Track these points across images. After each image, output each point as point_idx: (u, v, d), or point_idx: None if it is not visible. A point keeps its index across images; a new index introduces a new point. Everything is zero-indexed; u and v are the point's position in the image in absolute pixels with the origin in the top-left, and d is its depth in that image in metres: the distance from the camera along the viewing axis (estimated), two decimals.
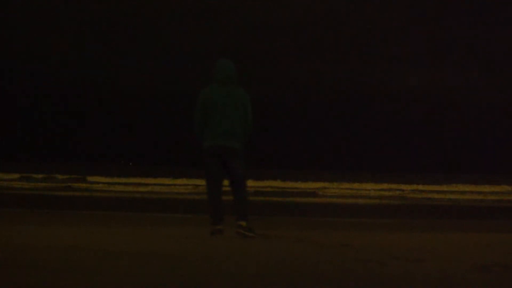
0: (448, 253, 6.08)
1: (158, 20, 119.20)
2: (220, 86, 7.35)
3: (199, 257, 5.30)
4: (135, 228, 9.26)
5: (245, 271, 4.72)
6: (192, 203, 21.54)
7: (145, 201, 22.52)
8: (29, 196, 23.81)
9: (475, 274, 4.80)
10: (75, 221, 11.28)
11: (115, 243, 6.35)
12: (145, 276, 4.45)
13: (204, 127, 7.34)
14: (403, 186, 41.26)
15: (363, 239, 7.59)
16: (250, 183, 7.77)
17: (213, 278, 4.45)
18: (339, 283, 4.43)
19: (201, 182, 33.53)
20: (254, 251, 5.89)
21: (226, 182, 7.47)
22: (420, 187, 41.72)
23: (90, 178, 40.19)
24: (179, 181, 38.85)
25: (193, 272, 4.65)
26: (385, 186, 41.52)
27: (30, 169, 47.88)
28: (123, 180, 40.16)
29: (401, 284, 4.47)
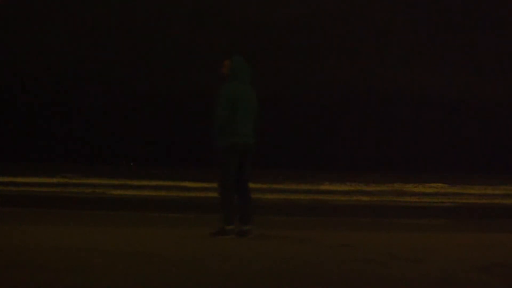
0: (448, 253, 6.09)
1: (158, 19, 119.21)
2: (242, 84, 7.32)
3: (199, 257, 5.31)
4: (135, 228, 9.26)
5: (245, 271, 4.72)
6: (192, 203, 21.54)
7: (145, 201, 22.52)
8: (30, 196, 23.80)
9: (475, 274, 4.80)
10: (75, 221, 11.28)
11: (115, 243, 6.35)
12: (145, 276, 4.46)
13: (226, 124, 7.25)
14: (402, 186, 41.25)
15: (363, 239, 7.60)
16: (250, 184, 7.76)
17: (214, 278, 4.45)
18: (339, 283, 4.44)
19: (200, 184, 33.56)
20: (254, 251, 5.90)
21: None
22: (418, 187, 41.70)
23: (90, 178, 40.17)
24: (180, 183, 38.83)
25: (193, 272, 4.65)
26: (384, 186, 41.50)
27: (30, 170, 47.87)
28: (124, 180, 40.15)
29: (401, 284, 4.47)
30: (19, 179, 36.53)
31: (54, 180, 38.03)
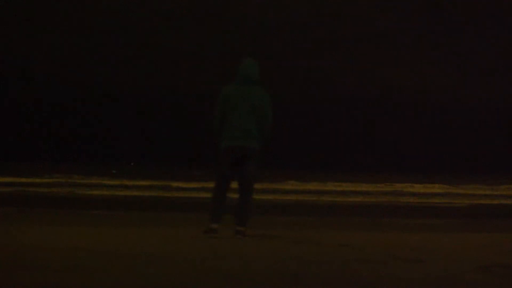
0: (448, 253, 6.09)
1: (159, 19, 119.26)
2: (240, 86, 7.32)
3: (199, 257, 5.30)
4: (134, 228, 9.26)
5: (245, 271, 4.72)
6: (193, 203, 21.54)
7: (144, 201, 22.52)
8: (32, 195, 23.81)
9: (475, 274, 4.80)
10: (75, 221, 11.28)
11: (115, 243, 6.36)
12: (145, 276, 4.46)
13: (222, 125, 7.31)
14: (402, 186, 41.26)
15: (363, 239, 7.60)
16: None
17: (213, 278, 4.45)
18: (339, 283, 4.44)
19: (202, 184, 33.57)
20: (254, 251, 5.90)
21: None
22: (418, 187, 41.72)
23: (90, 178, 40.18)
24: (179, 183, 38.83)
25: (193, 272, 4.65)
26: (384, 186, 41.51)
27: (31, 169, 47.89)
28: (125, 180, 40.16)
29: (401, 284, 4.47)
30: (19, 179, 36.56)
31: (52, 180, 38.04)
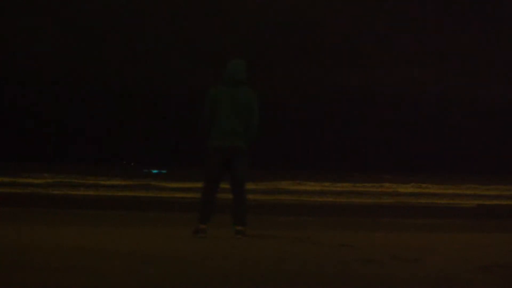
0: (448, 253, 6.09)
1: (159, 19, 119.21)
2: (226, 86, 7.33)
3: (199, 258, 5.30)
4: (136, 228, 9.26)
5: (244, 271, 4.72)
6: (192, 203, 21.53)
7: (143, 201, 22.51)
8: (31, 195, 23.80)
9: (475, 274, 4.80)
10: (75, 221, 11.28)
11: (116, 243, 6.35)
12: (145, 276, 4.46)
13: (210, 126, 7.34)
14: (401, 187, 41.25)
15: (363, 239, 7.59)
16: (249, 184, 7.72)
17: (213, 278, 4.45)
18: (339, 283, 4.43)
19: (194, 184, 33.57)
20: (253, 251, 5.90)
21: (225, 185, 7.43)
22: (419, 187, 41.72)
23: (90, 178, 40.18)
24: (179, 184, 38.81)
25: (193, 272, 4.65)
26: (383, 187, 41.51)
27: (31, 169, 47.91)
28: (124, 180, 40.15)
29: (401, 284, 4.47)
30: (19, 179, 36.58)
31: (52, 180, 38.02)
